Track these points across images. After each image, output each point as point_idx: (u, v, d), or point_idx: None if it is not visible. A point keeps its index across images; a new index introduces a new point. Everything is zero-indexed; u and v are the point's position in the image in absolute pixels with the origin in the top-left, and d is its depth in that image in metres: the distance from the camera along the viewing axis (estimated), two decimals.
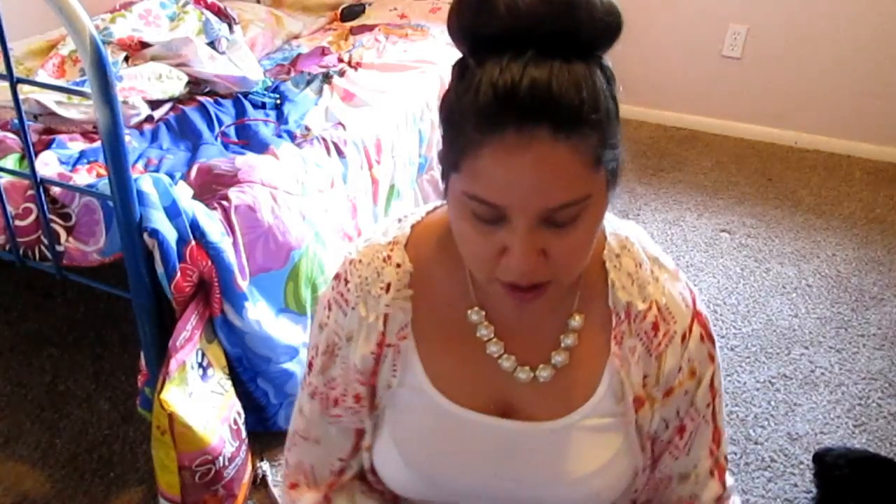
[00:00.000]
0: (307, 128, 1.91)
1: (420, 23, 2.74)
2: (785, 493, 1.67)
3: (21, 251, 1.48)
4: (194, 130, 1.86)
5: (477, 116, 0.60)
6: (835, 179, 2.98)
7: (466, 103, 0.61)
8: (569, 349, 0.79)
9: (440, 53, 2.45)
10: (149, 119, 1.89)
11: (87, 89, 1.22)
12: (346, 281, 0.81)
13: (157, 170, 1.65)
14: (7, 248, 1.49)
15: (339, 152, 1.86)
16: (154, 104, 1.93)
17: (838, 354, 2.07)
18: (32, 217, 1.45)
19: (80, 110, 1.77)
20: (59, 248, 1.44)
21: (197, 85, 2.05)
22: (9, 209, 1.45)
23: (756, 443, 1.79)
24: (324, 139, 1.85)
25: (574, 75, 0.59)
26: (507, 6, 0.59)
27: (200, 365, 1.43)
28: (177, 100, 1.99)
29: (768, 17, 3.06)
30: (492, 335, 0.79)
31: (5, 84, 1.34)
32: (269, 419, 1.70)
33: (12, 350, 2.02)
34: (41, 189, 1.39)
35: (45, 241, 1.44)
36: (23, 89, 1.45)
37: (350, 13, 2.89)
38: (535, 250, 0.64)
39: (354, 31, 2.71)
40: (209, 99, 2.01)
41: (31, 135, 1.59)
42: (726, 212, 2.75)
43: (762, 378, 1.98)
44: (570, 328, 0.79)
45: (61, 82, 1.96)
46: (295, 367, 1.66)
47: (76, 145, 1.72)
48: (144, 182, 1.39)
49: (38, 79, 1.92)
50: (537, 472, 0.80)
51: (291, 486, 0.91)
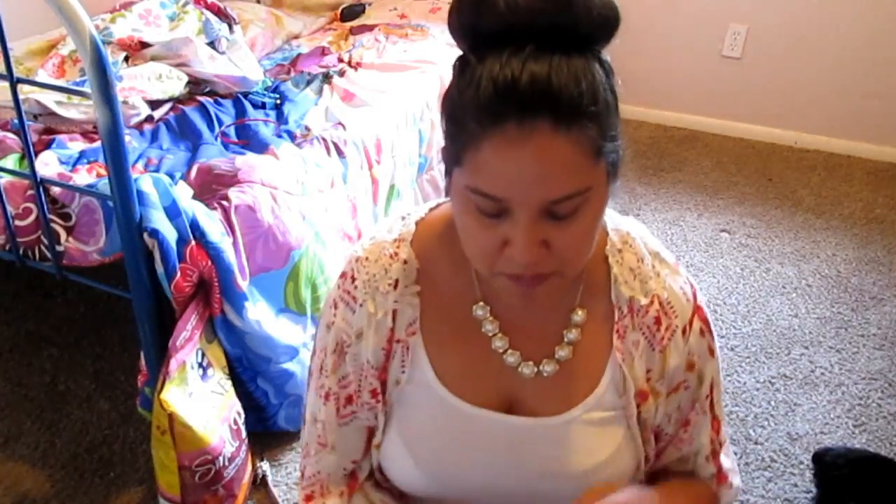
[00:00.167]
0: (307, 128, 1.91)
1: (420, 23, 2.74)
2: (785, 493, 1.67)
3: (21, 251, 1.48)
4: (194, 130, 1.86)
5: (478, 110, 0.61)
6: (835, 179, 2.98)
7: (468, 98, 0.62)
8: (572, 344, 0.80)
9: (440, 53, 2.45)
10: (149, 119, 1.89)
11: (87, 89, 1.22)
12: (353, 279, 0.81)
13: (157, 170, 1.65)
14: (7, 248, 1.49)
15: (339, 152, 1.86)
16: (154, 104, 1.93)
17: (838, 354, 2.07)
18: (32, 217, 1.45)
19: (80, 110, 1.77)
20: (59, 248, 1.44)
21: (197, 85, 2.05)
22: (9, 209, 1.45)
23: (756, 443, 1.79)
24: (324, 139, 1.85)
25: (573, 68, 0.60)
26: (507, 3, 0.60)
27: (200, 365, 1.43)
28: (177, 100, 1.99)
29: (768, 17, 3.06)
30: (497, 330, 0.80)
31: (5, 84, 1.34)
32: (269, 419, 1.70)
33: (12, 350, 2.02)
34: (41, 189, 1.39)
35: (45, 241, 1.44)
36: (23, 89, 1.45)
37: (350, 13, 2.89)
38: (537, 242, 0.65)
39: (354, 31, 2.71)
40: (209, 99, 2.01)
41: (31, 135, 1.59)
42: (726, 212, 2.75)
43: (762, 378, 1.98)
44: (573, 323, 0.80)
45: (61, 82, 1.96)
46: (295, 367, 1.66)
47: (76, 145, 1.72)
48: (144, 182, 1.40)
49: (38, 79, 1.92)
50: (541, 467, 0.81)
51: (307, 499, 0.91)
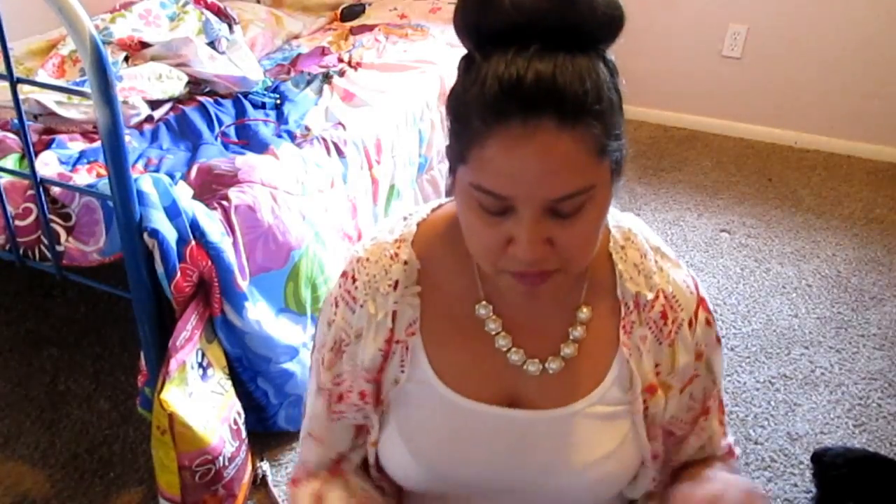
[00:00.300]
0: (307, 128, 1.91)
1: (420, 23, 2.74)
2: (785, 493, 1.67)
3: (21, 251, 1.48)
4: (194, 130, 1.86)
5: (483, 108, 0.62)
6: (835, 179, 2.98)
7: (473, 96, 0.63)
8: (577, 341, 0.80)
9: (440, 53, 2.44)
10: (149, 119, 1.89)
11: (87, 89, 1.22)
12: (354, 279, 0.81)
13: (157, 170, 1.65)
14: (7, 248, 1.49)
15: (339, 152, 1.86)
16: (154, 104, 1.93)
17: (838, 354, 2.07)
18: (32, 217, 1.45)
19: (80, 110, 1.77)
20: (59, 248, 1.44)
21: (197, 85, 2.05)
22: (9, 209, 1.45)
23: (756, 443, 1.79)
24: (324, 139, 1.85)
25: (577, 67, 0.61)
26: (512, 2, 0.61)
27: (200, 365, 1.43)
28: (177, 100, 1.99)
29: (768, 17, 3.06)
30: (500, 329, 0.80)
31: (5, 84, 1.34)
32: (269, 419, 1.70)
33: (12, 350, 2.02)
34: (41, 189, 1.39)
35: (45, 241, 1.44)
36: (23, 89, 1.45)
37: (350, 13, 2.90)
38: (541, 240, 0.65)
39: (354, 31, 2.71)
40: (209, 99, 2.01)
41: (31, 135, 1.59)
42: (726, 212, 2.75)
43: (762, 378, 1.98)
44: (579, 320, 0.80)
45: (61, 82, 1.97)
46: (295, 368, 1.66)
47: (76, 145, 1.72)
48: (144, 182, 1.39)
49: (38, 79, 1.92)
50: (544, 460, 0.81)
51: (293, 482, 0.92)
